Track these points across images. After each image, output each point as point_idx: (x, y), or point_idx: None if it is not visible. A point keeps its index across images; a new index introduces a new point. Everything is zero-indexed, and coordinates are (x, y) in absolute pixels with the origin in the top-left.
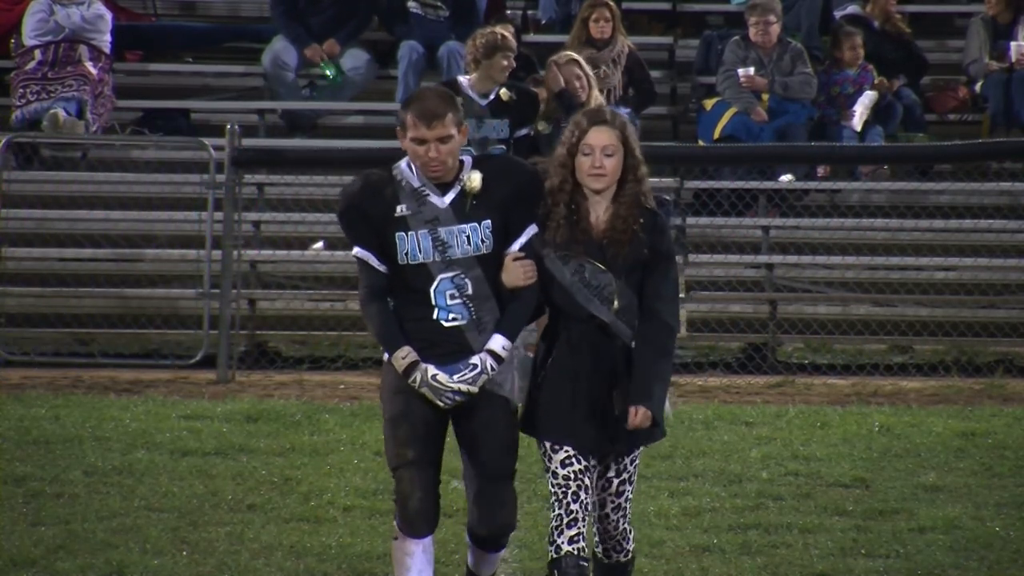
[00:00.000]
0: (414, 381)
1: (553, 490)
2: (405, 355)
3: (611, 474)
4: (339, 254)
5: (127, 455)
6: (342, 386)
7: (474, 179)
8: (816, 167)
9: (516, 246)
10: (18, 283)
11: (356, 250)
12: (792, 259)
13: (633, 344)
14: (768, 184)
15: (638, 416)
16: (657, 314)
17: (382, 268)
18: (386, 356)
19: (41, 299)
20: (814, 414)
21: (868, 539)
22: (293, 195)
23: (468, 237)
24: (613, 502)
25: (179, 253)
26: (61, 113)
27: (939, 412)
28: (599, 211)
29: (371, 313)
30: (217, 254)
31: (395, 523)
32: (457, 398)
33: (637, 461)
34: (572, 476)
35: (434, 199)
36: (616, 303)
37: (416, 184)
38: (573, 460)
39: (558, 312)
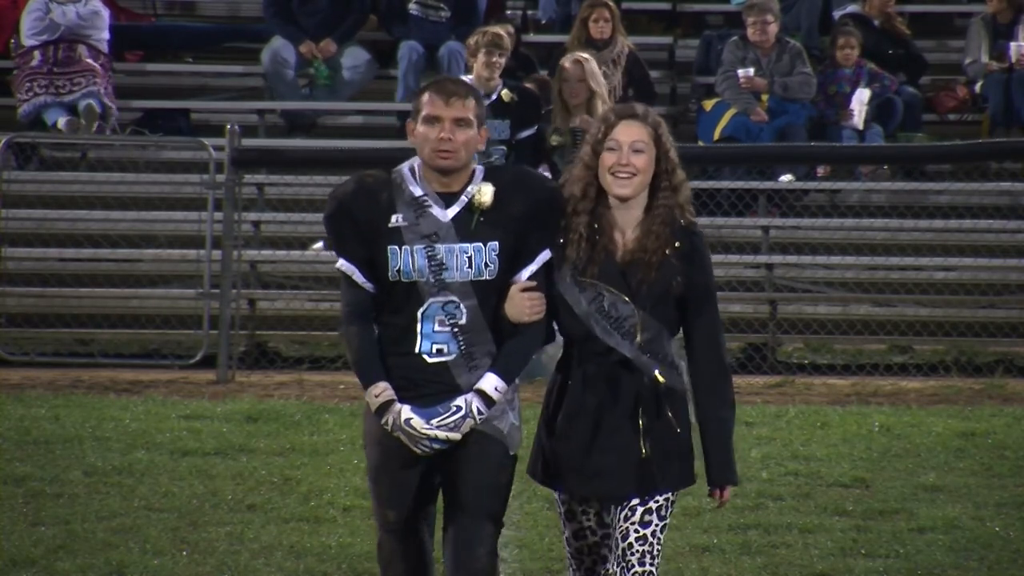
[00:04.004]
0: (386, 423)
1: (568, 557)
2: (379, 392)
3: (635, 502)
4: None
5: (127, 455)
6: (342, 386)
7: (484, 192)
8: (816, 167)
9: (525, 274)
10: (18, 283)
11: (340, 263)
12: (792, 259)
13: (663, 380)
14: (768, 184)
15: (724, 496)
16: (719, 359)
17: (368, 286)
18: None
19: (41, 299)
20: (814, 414)
21: (868, 539)
22: (293, 195)
23: (470, 259)
24: (638, 532)
25: (179, 253)
26: (95, 105)
27: (939, 412)
28: (626, 227)
29: (350, 336)
30: (217, 254)
31: None
32: (435, 446)
33: (672, 499)
34: (586, 551)
35: (436, 211)
36: (639, 336)
37: (417, 192)
38: (587, 533)
39: (573, 344)
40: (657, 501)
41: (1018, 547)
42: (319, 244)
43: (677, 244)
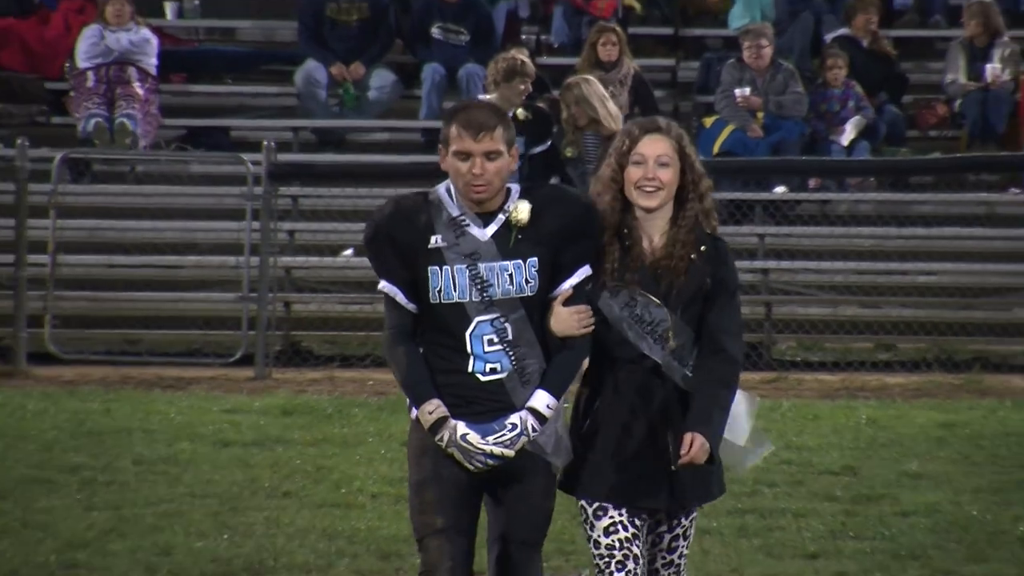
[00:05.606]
0: (441, 440)
1: (596, 561)
2: (432, 410)
3: (662, 528)
4: (367, 260)
5: (172, 446)
6: (370, 382)
7: (521, 210)
8: (807, 179)
9: (565, 286)
10: (72, 288)
11: (382, 284)
12: (786, 264)
13: (688, 375)
14: (763, 195)
15: (693, 446)
16: (721, 347)
17: (411, 307)
18: (412, 412)
19: (93, 303)
20: (806, 407)
21: (856, 522)
22: (325, 206)
23: (511, 276)
24: (664, 558)
25: (220, 260)
26: (129, 124)
27: (921, 405)
28: (654, 235)
29: (397, 357)
30: (255, 261)
31: None
32: (490, 462)
33: (695, 517)
34: (617, 545)
35: (474, 230)
36: (672, 341)
37: (455, 213)
38: (619, 527)
39: (603, 352)
40: (683, 525)
41: (994, 529)
42: (349, 251)
43: (703, 248)
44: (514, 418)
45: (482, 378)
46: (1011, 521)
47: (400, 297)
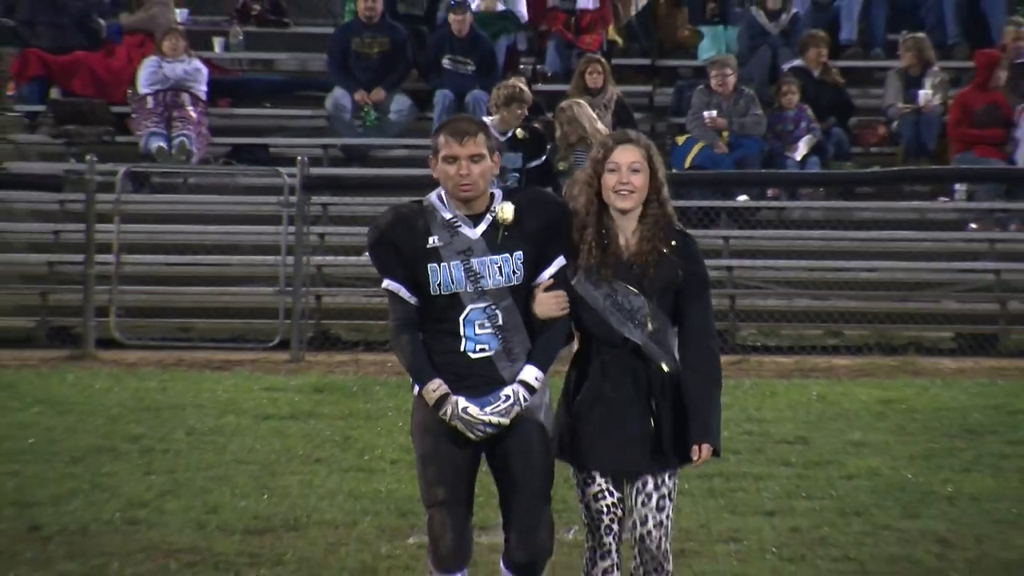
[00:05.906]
0: (444, 414)
1: (586, 521)
2: (436, 387)
3: (650, 488)
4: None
5: (220, 419)
6: (390, 364)
7: (506, 210)
8: (766, 189)
9: (544, 275)
10: (134, 283)
11: (386, 282)
12: (747, 262)
13: (667, 370)
14: (728, 203)
15: (701, 453)
16: (700, 341)
17: (412, 300)
18: (416, 390)
19: (152, 295)
20: (765, 386)
21: (807, 484)
22: (351, 212)
23: (500, 268)
24: (655, 518)
25: (260, 259)
26: (187, 143)
27: (864, 384)
28: (627, 233)
29: (402, 344)
30: (290, 260)
31: (428, 560)
32: (489, 430)
33: (677, 477)
34: (605, 510)
35: (466, 230)
36: (650, 326)
37: (447, 215)
38: (606, 494)
39: (590, 337)
40: (667, 485)
41: (926, 489)
42: None
43: (673, 243)
44: (507, 390)
45: (472, 356)
46: (941, 483)
47: (403, 292)
